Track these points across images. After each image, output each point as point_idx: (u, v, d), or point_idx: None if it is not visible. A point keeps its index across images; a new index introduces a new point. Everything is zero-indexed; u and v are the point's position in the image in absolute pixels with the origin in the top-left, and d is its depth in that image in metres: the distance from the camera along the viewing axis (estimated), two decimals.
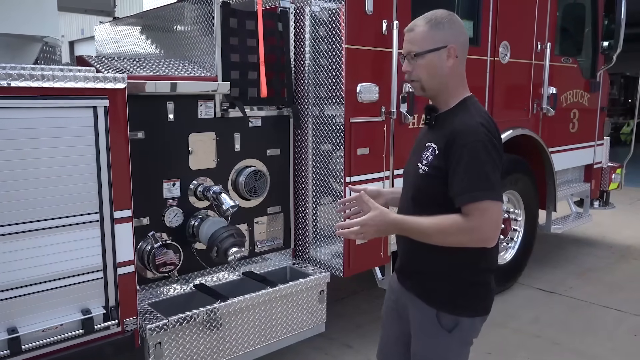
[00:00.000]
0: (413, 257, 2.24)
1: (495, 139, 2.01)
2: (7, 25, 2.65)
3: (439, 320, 2.13)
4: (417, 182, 2.16)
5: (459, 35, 2.09)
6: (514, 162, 5.12)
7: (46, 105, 2.48)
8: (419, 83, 2.13)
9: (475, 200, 1.93)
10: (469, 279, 2.13)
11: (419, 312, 2.20)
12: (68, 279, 2.61)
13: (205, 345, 3.11)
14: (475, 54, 4.45)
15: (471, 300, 2.15)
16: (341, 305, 4.91)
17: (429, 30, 2.05)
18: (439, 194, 2.03)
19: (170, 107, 3.22)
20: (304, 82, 3.81)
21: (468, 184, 1.94)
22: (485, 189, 1.93)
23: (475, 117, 2.03)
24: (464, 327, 2.14)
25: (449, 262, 2.09)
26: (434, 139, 2.10)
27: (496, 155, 1.98)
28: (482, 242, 1.98)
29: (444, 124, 2.09)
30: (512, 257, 5.29)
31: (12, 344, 2.43)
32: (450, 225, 1.96)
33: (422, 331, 2.22)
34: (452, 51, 2.05)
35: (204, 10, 3.38)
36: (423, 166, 2.11)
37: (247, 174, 3.55)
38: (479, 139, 1.96)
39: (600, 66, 6.09)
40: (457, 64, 2.09)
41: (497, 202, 1.95)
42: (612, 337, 4.43)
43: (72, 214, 2.59)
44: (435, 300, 2.15)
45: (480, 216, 1.93)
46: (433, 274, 2.16)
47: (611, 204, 6.70)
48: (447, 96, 2.13)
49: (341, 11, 3.51)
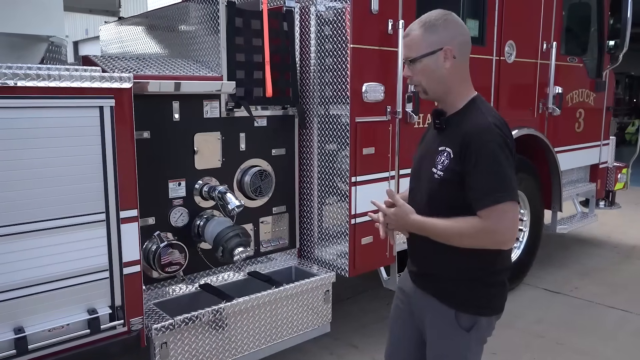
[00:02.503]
0: (430, 260, 2.22)
1: (508, 138, 2.00)
2: (13, 25, 2.65)
3: (458, 320, 2.13)
4: (433, 187, 2.13)
5: (455, 35, 2.06)
6: (520, 162, 5.08)
7: (52, 105, 2.48)
8: (420, 87, 2.14)
9: (497, 202, 1.92)
10: (486, 279, 2.13)
11: (437, 313, 2.19)
12: (74, 279, 2.60)
13: (210, 345, 3.11)
14: (480, 53, 4.44)
15: (488, 299, 2.16)
16: (346, 305, 4.91)
17: (423, 34, 2.05)
18: (457, 198, 2.02)
19: (175, 107, 3.22)
20: (309, 82, 3.80)
21: (488, 186, 1.94)
22: (505, 190, 1.93)
23: (487, 117, 2.02)
24: (482, 326, 2.15)
25: (466, 264, 2.09)
26: (447, 143, 2.08)
27: (510, 155, 1.98)
28: (501, 244, 2.00)
29: (456, 126, 2.07)
30: (518, 258, 5.26)
31: (18, 344, 2.43)
32: (469, 227, 1.97)
33: (440, 332, 2.21)
34: (448, 53, 2.04)
35: (209, 10, 3.38)
36: (438, 171, 2.08)
37: (252, 174, 3.55)
38: (494, 140, 1.95)
39: (606, 65, 6.06)
40: (456, 65, 2.07)
41: (515, 203, 1.96)
42: (617, 337, 4.42)
43: (78, 213, 2.59)
44: (454, 301, 2.14)
45: (500, 218, 1.93)
46: (450, 276, 2.15)
47: (617, 204, 6.67)
48: (452, 98, 2.11)
49: (346, 10, 3.51)
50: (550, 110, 5.27)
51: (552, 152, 5.33)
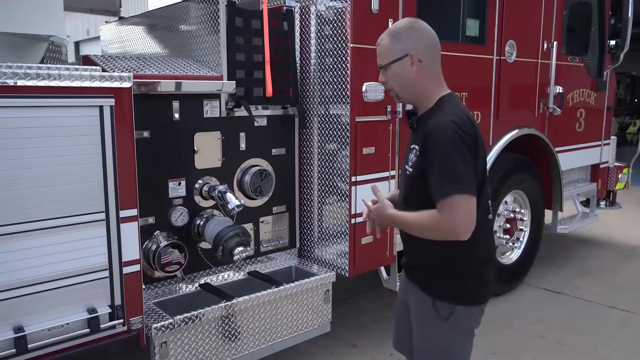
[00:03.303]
0: (412, 251, 2.39)
1: (466, 133, 2.08)
2: (13, 24, 2.65)
3: (436, 308, 2.24)
4: (407, 183, 2.31)
5: (420, 41, 2.20)
6: (520, 161, 5.10)
7: (52, 104, 2.48)
8: (394, 92, 2.31)
9: (447, 195, 2.02)
10: (463, 269, 2.23)
11: (418, 301, 2.33)
12: (74, 278, 2.60)
13: (210, 344, 3.11)
14: (481, 52, 4.43)
15: (466, 289, 2.25)
16: (347, 305, 4.90)
17: (389, 43, 2.22)
18: (425, 193, 2.12)
19: (175, 107, 3.22)
20: (309, 81, 3.80)
21: (439, 181, 2.05)
22: (455, 184, 2.02)
23: (446, 115, 2.11)
24: (460, 315, 2.24)
25: (442, 254, 2.21)
26: (416, 141, 2.23)
27: (466, 149, 2.06)
28: (456, 236, 2.06)
29: (423, 125, 2.20)
30: (518, 257, 5.26)
31: (18, 343, 2.43)
32: (427, 220, 2.09)
33: (420, 319, 2.34)
34: (414, 57, 2.18)
35: (209, 10, 3.38)
36: (409, 168, 2.24)
37: (252, 174, 3.55)
38: (448, 136, 2.05)
39: (607, 65, 6.05)
40: (424, 68, 2.20)
41: (466, 196, 2.03)
42: (618, 337, 4.41)
43: (78, 213, 2.59)
44: (432, 290, 2.27)
45: (451, 210, 2.02)
46: (429, 266, 2.29)
47: (618, 204, 6.66)
48: (423, 99, 2.25)
49: (347, 10, 3.51)
50: (551, 110, 5.26)
51: (553, 152, 5.32)
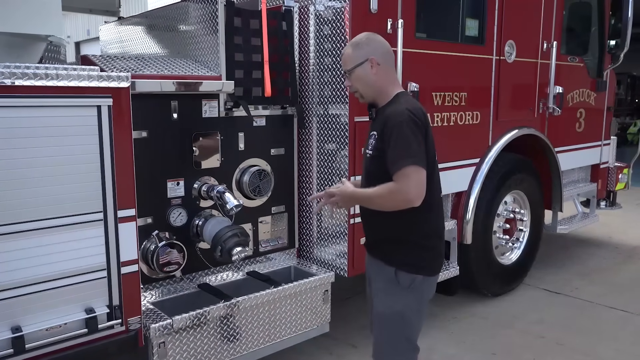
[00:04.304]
0: (371, 227, 2.70)
1: (418, 118, 2.42)
2: (11, 24, 2.65)
3: (397, 278, 2.54)
4: (367, 165, 2.64)
5: (377, 48, 2.58)
6: (520, 162, 5.09)
7: (50, 104, 2.48)
8: (358, 93, 2.63)
9: (400, 167, 2.34)
10: (418, 241, 2.55)
11: (381, 273, 2.61)
12: (72, 278, 2.60)
13: (209, 344, 3.11)
14: (480, 53, 4.42)
15: (424, 260, 2.57)
16: (346, 306, 4.90)
17: (352, 52, 2.58)
18: (383, 171, 2.42)
19: (174, 106, 3.22)
20: (308, 81, 3.80)
21: (395, 155, 2.37)
22: (408, 157, 2.34)
23: (402, 105, 2.47)
24: (419, 285, 2.55)
25: (397, 227, 2.52)
26: (375, 128, 2.57)
27: (418, 130, 2.39)
28: (409, 202, 2.35)
29: (382, 114, 2.55)
30: (518, 258, 5.25)
31: (16, 343, 2.43)
32: (384, 190, 2.39)
33: (383, 290, 2.61)
34: (373, 61, 2.54)
35: (208, 10, 3.38)
36: (368, 151, 2.59)
37: (251, 174, 3.54)
38: (403, 120, 2.39)
39: (607, 65, 6.04)
40: (382, 70, 2.57)
41: (417, 167, 2.35)
42: (618, 337, 4.40)
43: (75, 212, 2.59)
44: (393, 260, 2.57)
45: (404, 180, 2.34)
46: (388, 239, 2.59)
47: (618, 204, 6.65)
48: (381, 96, 2.59)
49: (346, 10, 3.50)
50: (550, 110, 5.26)
51: (553, 152, 5.32)
